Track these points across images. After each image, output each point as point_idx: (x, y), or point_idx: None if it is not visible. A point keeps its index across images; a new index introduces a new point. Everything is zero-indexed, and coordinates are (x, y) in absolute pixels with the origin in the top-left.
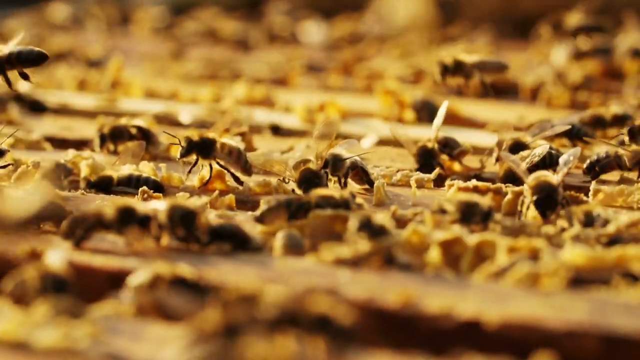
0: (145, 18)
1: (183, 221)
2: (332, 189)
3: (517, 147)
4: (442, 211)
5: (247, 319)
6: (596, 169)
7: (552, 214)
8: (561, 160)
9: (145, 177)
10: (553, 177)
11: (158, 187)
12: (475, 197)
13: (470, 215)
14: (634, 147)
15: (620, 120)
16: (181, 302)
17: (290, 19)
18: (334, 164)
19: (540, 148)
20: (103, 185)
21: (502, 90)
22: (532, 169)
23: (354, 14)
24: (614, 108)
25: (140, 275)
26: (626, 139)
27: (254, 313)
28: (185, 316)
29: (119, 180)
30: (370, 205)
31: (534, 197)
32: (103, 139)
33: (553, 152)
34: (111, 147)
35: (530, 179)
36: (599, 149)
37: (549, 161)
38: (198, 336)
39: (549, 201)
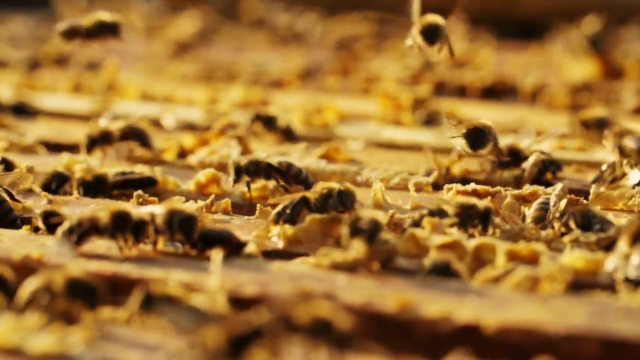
0: (138, 17)
1: (181, 226)
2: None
3: (511, 152)
4: (440, 213)
5: (248, 332)
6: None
7: None
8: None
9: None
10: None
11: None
12: (473, 200)
13: (468, 218)
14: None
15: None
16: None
17: (290, 18)
18: (248, 168)
19: (532, 158)
20: (99, 184)
21: (501, 91)
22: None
23: (352, 15)
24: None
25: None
26: None
27: (254, 325)
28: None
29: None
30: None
31: None
32: (93, 143)
33: (544, 158)
34: (99, 152)
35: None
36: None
37: (544, 169)
38: (201, 352)
39: None
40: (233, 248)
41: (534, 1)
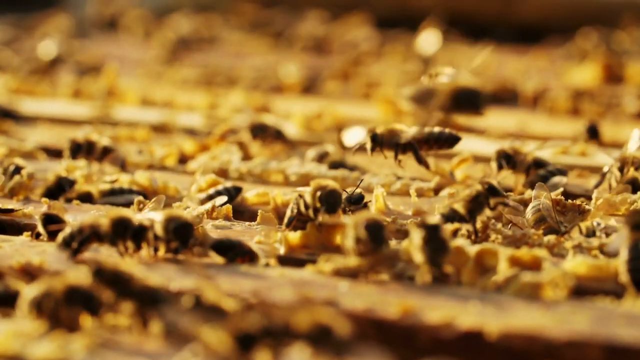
0: (134, 22)
1: (179, 233)
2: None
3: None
4: (455, 214)
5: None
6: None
7: None
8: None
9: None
10: None
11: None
12: (474, 187)
13: (480, 207)
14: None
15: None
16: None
17: (290, 23)
18: None
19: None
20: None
21: (502, 96)
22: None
23: (353, 18)
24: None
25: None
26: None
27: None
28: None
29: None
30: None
31: None
32: (77, 149)
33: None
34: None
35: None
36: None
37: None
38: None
39: None
40: (243, 256)
41: (533, 5)
